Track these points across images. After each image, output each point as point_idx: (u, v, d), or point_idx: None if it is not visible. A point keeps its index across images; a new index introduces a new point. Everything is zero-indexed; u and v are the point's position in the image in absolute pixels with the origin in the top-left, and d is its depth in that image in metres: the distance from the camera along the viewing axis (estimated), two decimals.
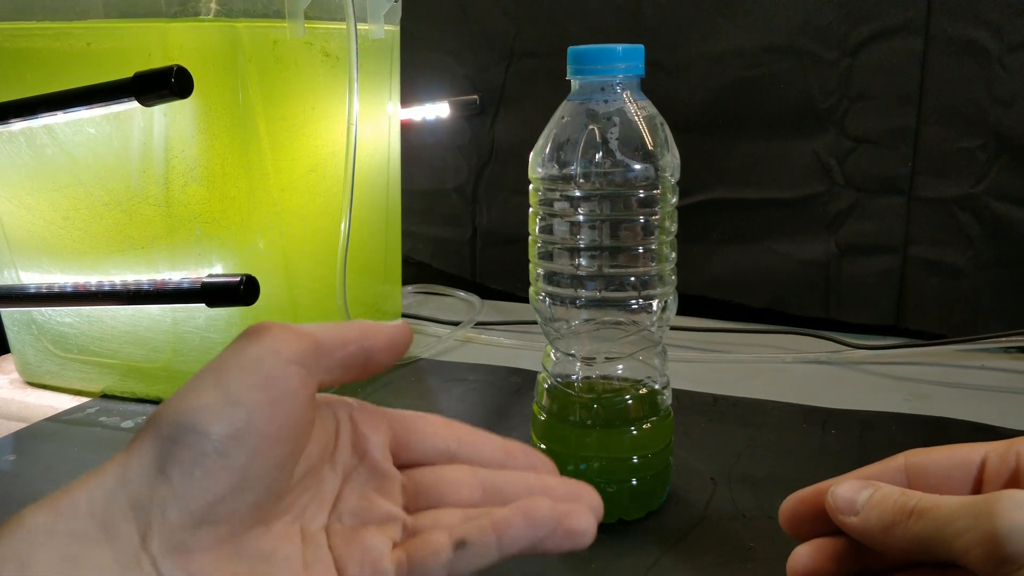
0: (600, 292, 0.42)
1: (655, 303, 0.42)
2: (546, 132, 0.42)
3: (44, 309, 0.63)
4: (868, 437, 0.53)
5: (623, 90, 0.41)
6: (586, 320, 0.43)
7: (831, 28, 0.70)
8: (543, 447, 0.45)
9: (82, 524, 0.26)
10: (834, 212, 0.73)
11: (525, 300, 0.57)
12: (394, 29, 0.72)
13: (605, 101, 0.41)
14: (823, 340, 0.72)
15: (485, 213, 0.89)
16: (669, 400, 0.45)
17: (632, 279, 0.42)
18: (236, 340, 0.30)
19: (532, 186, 0.43)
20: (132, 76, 0.48)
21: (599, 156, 0.40)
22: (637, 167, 0.40)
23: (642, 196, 0.41)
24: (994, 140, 0.67)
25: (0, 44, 0.57)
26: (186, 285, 0.52)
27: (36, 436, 0.58)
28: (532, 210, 0.44)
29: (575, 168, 0.41)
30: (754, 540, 0.42)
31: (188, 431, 0.27)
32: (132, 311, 0.60)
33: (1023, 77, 0.65)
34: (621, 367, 0.44)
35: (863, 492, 0.31)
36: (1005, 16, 0.65)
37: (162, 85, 0.47)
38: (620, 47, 0.40)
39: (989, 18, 0.65)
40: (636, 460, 0.43)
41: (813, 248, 0.75)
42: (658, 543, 0.42)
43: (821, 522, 0.33)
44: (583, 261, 0.42)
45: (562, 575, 0.40)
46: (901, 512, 0.29)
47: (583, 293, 0.42)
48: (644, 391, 0.44)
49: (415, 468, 0.35)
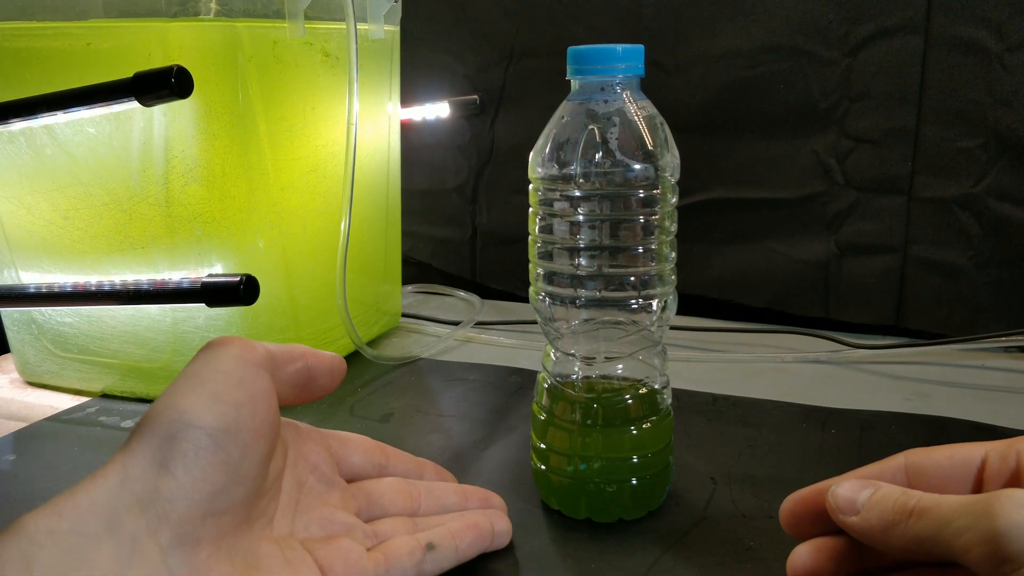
0: (600, 292, 0.42)
1: (655, 303, 0.42)
2: (546, 132, 0.42)
3: (44, 309, 0.63)
4: (868, 437, 0.53)
5: (623, 90, 0.41)
6: (586, 320, 0.43)
7: (831, 28, 0.70)
8: (543, 447, 0.45)
9: (85, 523, 0.26)
10: (834, 212, 0.73)
11: (525, 300, 0.57)
12: (394, 29, 0.72)
13: (605, 101, 0.41)
14: (823, 340, 0.72)
15: (485, 213, 0.89)
16: (669, 400, 0.45)
17: (632, 279, 0.42)
18: (201, 352, 0.32)
19: (532, 186, 0.43)
20: (132, 76, 0.48)
21: (599, 156, 0.40)
22: (637, 167, 0.40)
23: (642, 196, 0.41)
24: (994, 140, 0.67)
25: (0, 44, 0.57)
26: (186, 285, 0.52)
27: (36, 436, 0.58)
28: (532, 210, 0.44)
29: (575, 168, 0.41)
30: (754, 540, 0.42)
31: (185, 427, 0.28)
32: (132, 311, 0.60)
33: (1023, 77, 0.65)
34: (621, 367, 0.44)
35: (863, 492, 0.31)
36: (1005, 16, 0.65)
37: (162, 85, 0.47)
38: (620, 47, 0.40)
39: (989, 18, 0.65)
40: (636, 460, 0.43)
41: (813, 248, 0.75)
42: (658, 543, 0.42)
43: (821, 522, 0.33)
44: (583, 261, 0.42)
45: (562, 575, 0.40)
46: (901, 511, 0.29)
47: (583, 293, 0.42)
48: (644, 391, 0.44)
49: (354, 482, 0.38)
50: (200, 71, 0.49)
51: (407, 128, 0.81)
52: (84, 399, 0.64)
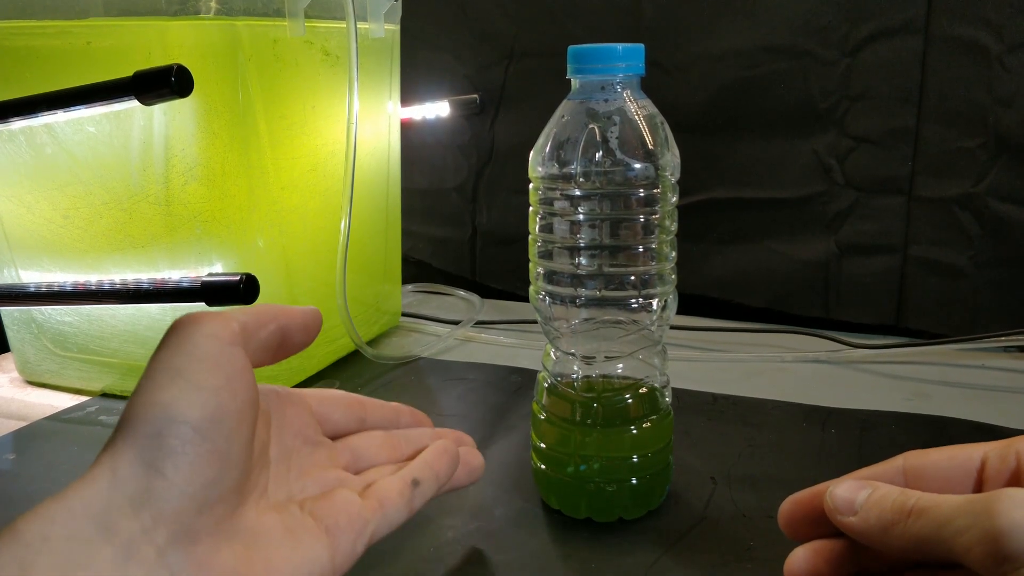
0: (600, 291, 0.42)
1: (655, 302, 0.42)
2: (546, 131, 0.42)
3: (44, 308, 0.63)
4: (868, 437, 0.53)
5: (623, 89, 0.41)
6: (586, 319, 0.43)
7: (831, 28, 0.70)
8: (543, 446, 0.45)
9: (79, 527, 0.26)
10: (834, 212, 0.73)
11: (525, 299, 0.57)
12: (394, 28, 0.72)
13: (605, 100, 0.41)
14: (823, 340, 0.72)
15: (485, 212, 0.89)
16: (669, 399, 0.45)
17: (632, 278, 0.42)
18: (169, 333, 0.30)
19: (532, 185, 0.43)
20: (132, 75, 0.48)
21: (599, 155, 0.40)
22: (637, 166, 0.40)
23: (642, 195, 0.41)
24: (994, 140, 0.67)
25: (0, 43, 0.57)
26: (186, 284, 0.52)
27: (36, 435, 0.57)
28: (532, 209, 0.44)
29: (575, 167, 0.41)
30: (754, 540, 0.42)
31: (169, 422, 0.27)
32: (132, 310, 0.60)
33: (1023, 77, 0.65)
34: (621, 366, 0.44)
35: (861, 492, 0.31)
36: (1005, 16, 0.65)
37: (162, 84, 0.47)
38: (620, 46, 0.40)
39: (989, 18, 0.65)
40: (636, 459, 0.43)
41: (813, 248, 0.75)
42: (658, 543, 0.42)
43: (819, 524, 0.33)
44: (583, 260, 0.42)
45: (562, 574, 0.40)
46: (900, 511, 0.29)
47: (583, 292, 0.42)
48: (644, 390, 0.44)
49: (338, 438, 0.39)
50: (200, 70, 0.49)
51: (407, 127, 0.81)
52: (84, 398, 0.64)
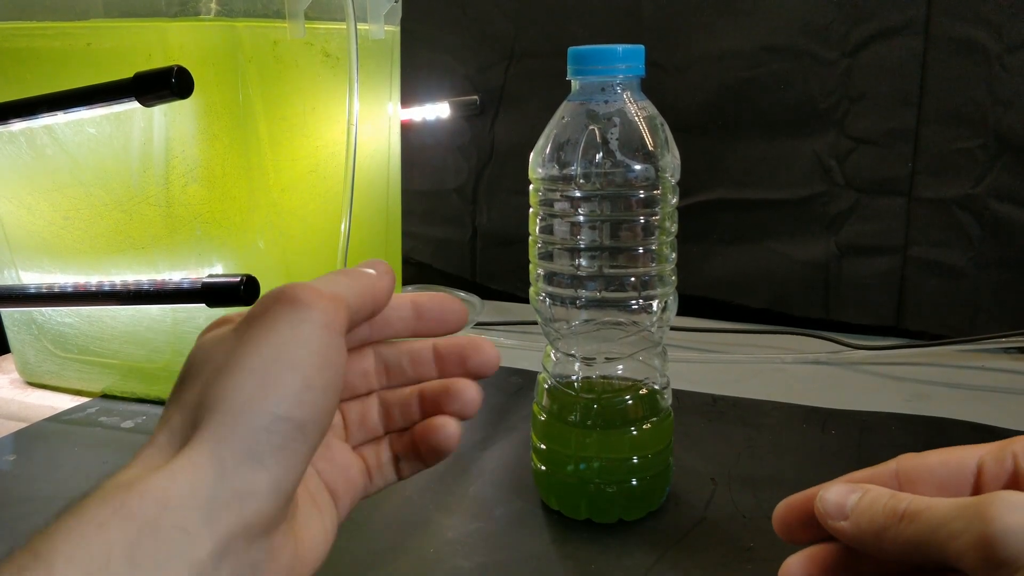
0: (600, 292, 0.42)
1: (655, 303, 0.42)
2: (546, 132, 0.42)
3: (44, 309, 0.63)
4: (868, 438, 0.53)
5: (623, 90, 0.41)
6: (586, 320, 0.43)
7: (831, 28, 0.70)
8: (543, 447, 0.45)
9: (187, 518, 0.25)
10: (834, 212, 0.73)
11: (525, 300, 0.57)
12: (394, 29, 0.72)
13: (605, 101, 0.41)
14: (823, 340, 0.72)
15: (485, 213, 0.89)
16: (669, 400, 0.45)
17: (632, 279, 0.42)
18: (282, 316, 0.29)
19: (532, 186, 0.43)
20: (132, 76, 0.48)
21: (599, 156, 0.40)
22: (637, 167, 0.40)
23: (642, 196, 0.41)
24: (994, 140, 0.67)
25: (0, 44, 0.57)
26: (186, 285, 0.52)
27: (36, 436, 0.58)
28: (532, 210, 0.44)
29: (575, 168, 0.41)
30: (754, 540, 0.42)
31: (278, 419, 0.27)
32: (132, 311, 0.60)
33: (1023, 77, 0.65)
34: (621, 367, 0.44)
35: (852, 496, 0.30)
36: (1005, 16, 0.65)
37: (162, 85, 0.47)
38: (620, 47, 0.40)
39: (989, 18, 0.65)
40: (636, 460, 0.43)
41: (813, 248, 0.75)
42: (658, 543, 0.42)
43: (814, 527, 0.32)
44: (583, 261, 0.42)
45: (561, 575, 0.40)
46: (892, 515, 0.29)
47: (583, 293, 0.42)
48: (644, 391, 0.44)
49: (381, 346, 0.37)
50: (200, 71, 0.49)
51: (407, 128, 0.81)
52: (84, 399, 0.64)
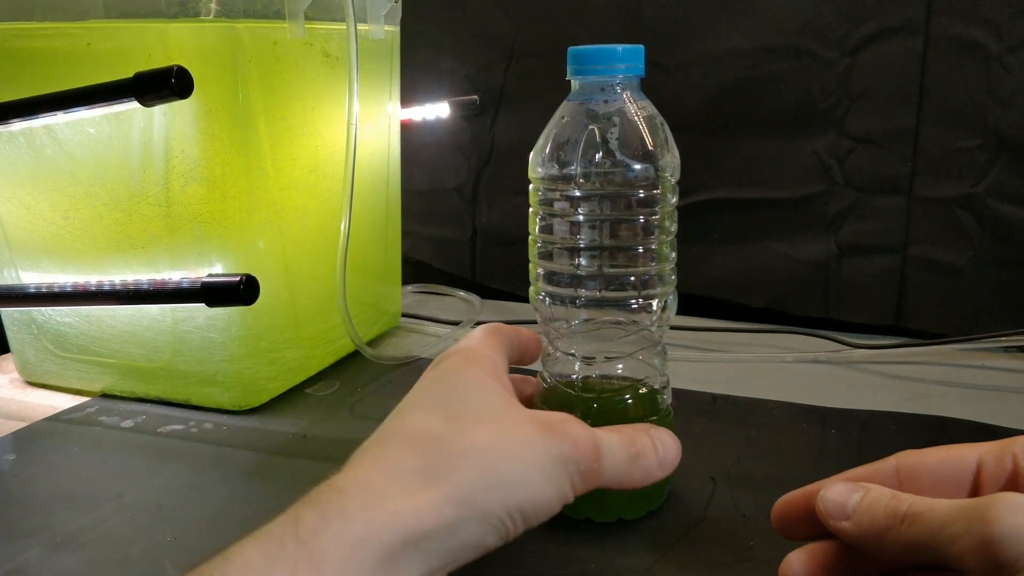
0: (600, 292, 0.42)
1: (655, 303, 0.42)
2: (546, 132, 0.42)
3: (44, 309, 0.63)
4: (868, 437, 0.53)
5: (623, 90, 0.41)
6: (586, 320, 0.43)
7: (831, 28, 0.70)
8: None
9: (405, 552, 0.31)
10: (834, 212, 0.73)
11: (525, 300, 0.57)
12: (394, 29, 0.72)
13: (605, 101, 0.41)
14: (823, 340, 0.72)
15: (485, 213, 0.89)
16: (669, 399, 0.45)
17: (632, 279, 0.42)
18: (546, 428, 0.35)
19: (532, 186, 0.43)
20: (132, 76, 0.48)
21: (599, 156, 0.40)
22: (637, 167, 0.40)
23: (642, 196, 0.41)
24: (994, 140, 0.67)
25: (0, 44, 0.57)
26: (186, 285, 0.52)
27: (36, 436, 0.58)
28: (532, 210, 0.44)
29: (575, 168, 0.41)
30: (754, 540, 0.42)
31: (490, 465, 0.33)
32: (132, 311, 0.60)
33: (1023, 77, 0.65)
34: (621, 366, 0.44)
35: (853, 495, 0.30)
36: (1005, 16, 0.65)
37: (162, 85, 0.47)
38: (620, 47, 0.40)
39: (989, 18, 0.65)
40: None
41: (813, 248, 0.75)
42: (658, 543, 0.42)
43: (813, 524, 0.32)
44: (583, 261, 0.42)
45: (562, 574, 0.40)
46: (893, 517, 0.29)
47: (583, 293, 0.42)
48: (644, 390, 0.44)
49: None
50: (200, 71, 0.49)
51: (407, 128, 0.81)
52: (84, 399, 0.64)
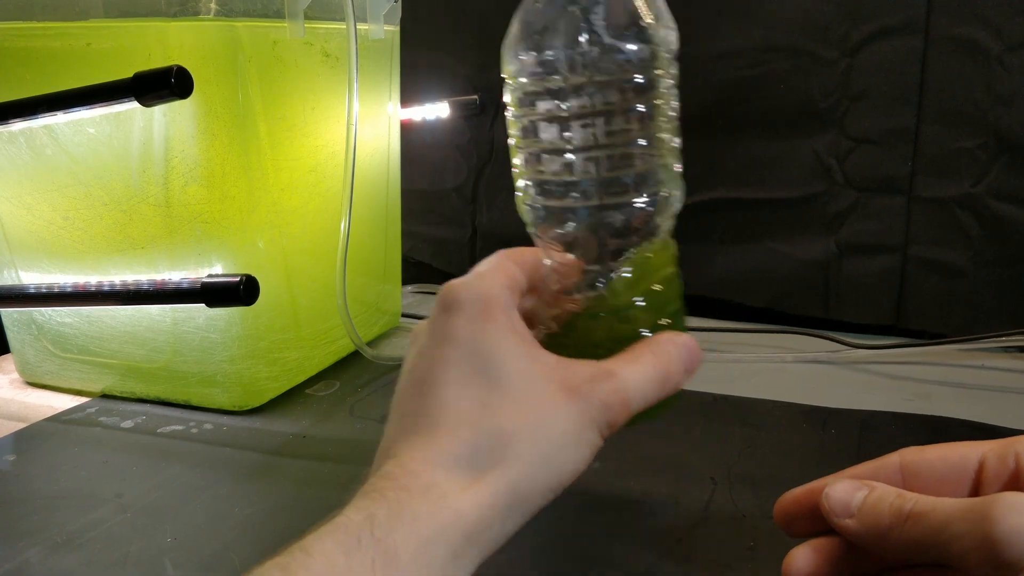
0: (601, 199, 0.37)
1: (659, 196, 0.37)
2: (519, 18, 0.36)
3: (44, 309, 0.63)
4: (868, 437, 0.53)
5: None
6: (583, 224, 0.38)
7: (831, 28, 0.70)
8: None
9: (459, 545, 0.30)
10: (834, 212, 0.73)
11: None
12: (394, 29, 0.72)
13: None
14: (823, 340, 0.72)
15: (485, 213, 0.89)
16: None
17: (634, 178, 0.36)
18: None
19: (507, 85, 0.37)
20: (132, 76, 0.48)
21: (584, 39, 0.34)
22: (629, 48, 0.34)
23: (638, 81, 0.35)
24: (994, 140, 0.67)
25: (0, 44, 0.57)
26: (186, 285, 0.52)
27: (36, 436, 0.58)
28: (511, 112, 0.38)
29: (556, 56, 0.34)
30: (754, 540, 0.42)
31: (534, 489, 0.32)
32: (132, 311, 0.60)
33: (1023, 77, 0.65)
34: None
35: (858, 494, 0.30)
36: (1005, 16, 0.65)
37: (162, 85, 0.47)
38: None
39: (989, 18, 0.65)
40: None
41: (813, 248, 0.75)
42: (658, 543, 0.42)
43: (816, 521, 0.32)
44: (577, 164, 0.37)
45: (562, 574, 0.40)
46: (897, 515, 0.29)
47: (579, 202, 0.38)
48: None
49: None
50: (200, 71, 0.49)
51: (407, 128, 0.81)
52: (84, 399, 0.64)
